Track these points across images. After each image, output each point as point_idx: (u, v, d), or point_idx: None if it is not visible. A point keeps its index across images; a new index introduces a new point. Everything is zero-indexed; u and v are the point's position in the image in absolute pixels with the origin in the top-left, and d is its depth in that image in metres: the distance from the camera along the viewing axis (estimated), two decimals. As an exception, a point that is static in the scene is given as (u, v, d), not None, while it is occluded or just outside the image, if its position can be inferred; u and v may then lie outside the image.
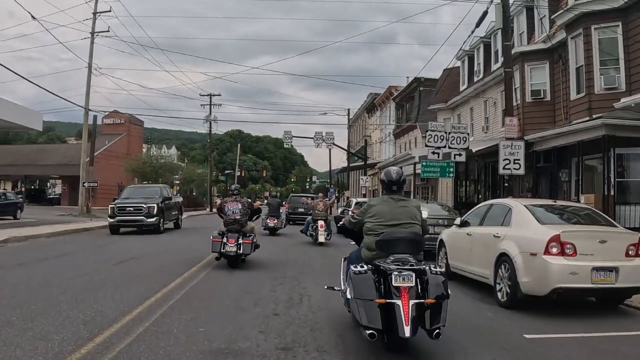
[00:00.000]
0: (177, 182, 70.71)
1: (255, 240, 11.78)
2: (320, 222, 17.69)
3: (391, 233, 5.54)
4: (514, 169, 14.98)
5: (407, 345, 5.22)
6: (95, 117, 38.59)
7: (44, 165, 55.52)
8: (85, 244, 16.93)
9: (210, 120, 62.42)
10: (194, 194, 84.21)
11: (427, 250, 8.13)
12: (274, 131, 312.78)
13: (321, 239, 17.59)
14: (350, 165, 48.46)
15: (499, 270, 8.18)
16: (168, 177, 50.86)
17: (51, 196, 59.72)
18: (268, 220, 21.67)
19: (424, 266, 5.18)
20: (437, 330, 4.86)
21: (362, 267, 5.23)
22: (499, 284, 8.19)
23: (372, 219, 5.77)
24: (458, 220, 10.56)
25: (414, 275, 4.97)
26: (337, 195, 50.71)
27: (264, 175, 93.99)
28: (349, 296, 5.38)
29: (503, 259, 8.11)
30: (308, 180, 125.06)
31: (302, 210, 28.57)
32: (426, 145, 20.84)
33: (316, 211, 18.83)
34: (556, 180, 19.79)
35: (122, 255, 13.46)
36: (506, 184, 18.10)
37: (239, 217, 11.68)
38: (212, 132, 62.04)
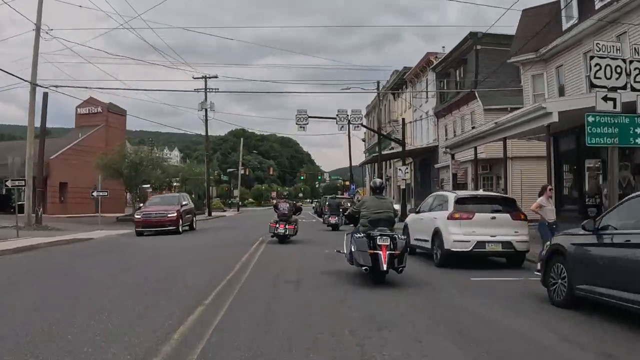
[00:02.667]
0: (176, 184, 61.70)
1: (296, 226, 18.43)
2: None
3: (377, 216, 9.62)
4: None
5: (384, 278, 9.26)
6: (45, 94, 28.88)
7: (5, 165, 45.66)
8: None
9: (206, 108, 52.72)
10: (192, 196, 74.84)
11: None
12: (280, 129, 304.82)
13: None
14: (381, 153, 38.17)
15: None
16: (152, 174, 40.85)
17: (22, 202, 50.08)
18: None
19: (394, 234, 9.36)
20: (401, 268, 9.23)
21: (360, 235, 9.46)
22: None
23: (365, 209, 9.84)
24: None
25: (389, 238, 9.09)
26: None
27: (271, 173, 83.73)
28: (352, 250, 9.65)
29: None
30: (319, 177, 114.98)
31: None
32: (592, 86, 10.93)
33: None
34: None
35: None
36: None
37: (286, 212, 18.13)
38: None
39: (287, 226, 17.62)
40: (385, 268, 8.86)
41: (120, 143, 39.69)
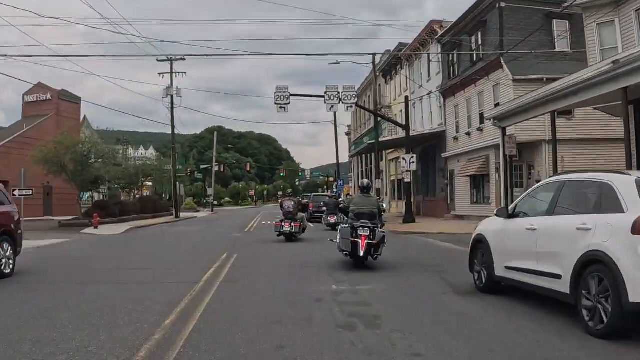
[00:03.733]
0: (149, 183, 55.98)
1: (303, 224, 18.50)
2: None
3: (361, 210, 11.07)
4: None
5: (363, 264, 10.75)
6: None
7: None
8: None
9: (172, 95, 46.13)
10: (163, 195, 67.92)
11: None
12: (258, 128, 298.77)
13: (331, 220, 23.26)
14: (378, 140, 32.00)
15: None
16: (105, 170, 34.31)
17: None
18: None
19: (375, 227, 10.75)
20: (376, 256, 10.81)
21: (346, 225, 11.14)
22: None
23: (353, 205, 11.41)
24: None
25: (369, 230, 10.53)
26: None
27: (248, 169, 77.28)
28: (338, 238, 11.28)
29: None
30: (300, 174, 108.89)
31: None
32: None
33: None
34: None
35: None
36: None
37: (292, 210, 17.98)
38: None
39: (292, 224, 17.67)
40: (362, 254, 10.48)
41: (61, 131, 32.84)
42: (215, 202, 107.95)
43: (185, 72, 48.44)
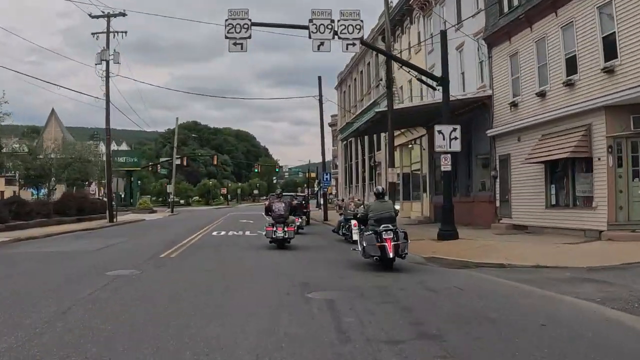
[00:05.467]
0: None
1: (295, 227, 17.25)
2: (354, 222, 16.27)
3: (380, 215, 11.32)
4: None
5: (392, 266, 10.86)
6: None
7: None
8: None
9: (107, 60, 34.86)
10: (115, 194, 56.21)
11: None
12: (236, 125, 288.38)
13: (355, 237, 15.88)
14: (392, 108, 21.03)
15: None
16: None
17: None
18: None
19: (396, 229, 10.99)
20: (404, 255, 11.04)
21: (369, 232, 11.19)
22: None
23: (372, 212, 11.59)
24: None
25: (392, 232, 10.83)
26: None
27: (215, 163, 66.07)
28: (364, 244, 11.33)
29: None
30: (277, 170, 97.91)
31: None
32: None
33: (348, 211, 18.31)
34: None
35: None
36: None
37: (283, 212, 15.89)
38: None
39: (286, 229, 15.64)
40: (391, 256, 10.73)
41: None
42: (182, 201, 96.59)
43: (125, 32, 36.66)
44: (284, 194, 24.00)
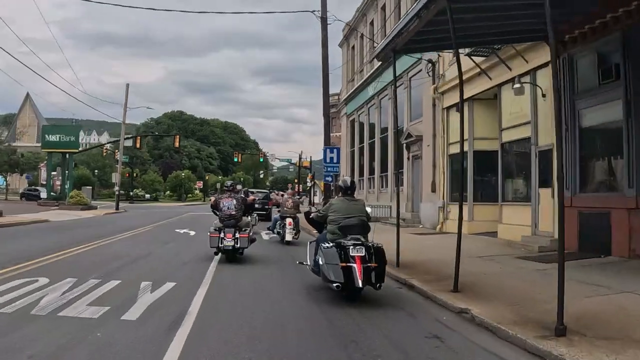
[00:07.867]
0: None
1: (251, 234, 12.07)
2: (289, 220, 15.87)
3: (348, 221, 7.75)
4: None
5: (359, 295, 7.36)
6: None
7: None
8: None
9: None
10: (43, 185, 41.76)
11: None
12: (226, 118, 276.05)
13: (288, 237, 15.75)
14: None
15: None
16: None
17: None
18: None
19: (369, 243, 7.44)
20: (379, 284, 7.22)
21: (329, 244, 7.51)
22: None
23: (334, 213, 7.97)
24: None
25: (364, 248, 7.23)
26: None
27: (177, 144, 51.26)
28: (320, 263, 7.64)
29: None
30: (261, 160, 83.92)
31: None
32: None
33: (285, 208, 16.73)
34: None
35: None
36: None
37: (234, 212, 11.70)
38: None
39: (237, 235, 11.38)
40: (360, 285, 7.08)
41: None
42: (148, 196, 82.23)
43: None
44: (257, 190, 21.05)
